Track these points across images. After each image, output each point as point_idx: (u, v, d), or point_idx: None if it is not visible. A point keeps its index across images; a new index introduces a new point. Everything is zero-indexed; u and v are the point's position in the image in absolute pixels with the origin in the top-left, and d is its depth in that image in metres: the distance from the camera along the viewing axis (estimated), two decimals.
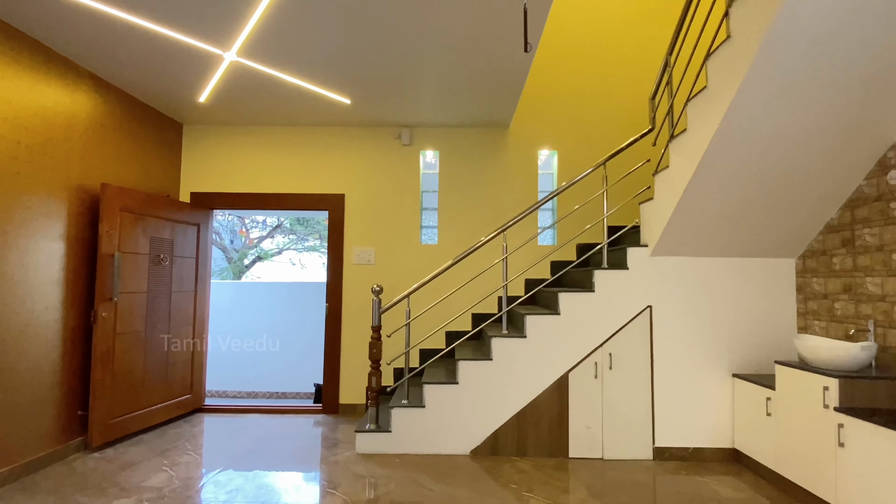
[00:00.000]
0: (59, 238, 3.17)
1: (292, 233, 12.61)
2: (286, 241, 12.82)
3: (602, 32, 4.69)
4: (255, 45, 3.03)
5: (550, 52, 4.69)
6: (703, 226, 3.14)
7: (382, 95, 3.87)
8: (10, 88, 2.85)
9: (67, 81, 3.26)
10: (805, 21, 2.12)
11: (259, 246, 12.56)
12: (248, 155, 4.65)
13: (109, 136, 3.66)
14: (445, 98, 3.92)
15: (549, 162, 4.86)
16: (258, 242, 12.54)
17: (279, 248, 12.81)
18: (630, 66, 4.66)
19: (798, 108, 2.48)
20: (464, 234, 4.60)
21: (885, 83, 2.38)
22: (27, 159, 2.96)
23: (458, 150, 4.67)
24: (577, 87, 4.69)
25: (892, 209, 2.65)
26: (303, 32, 2.89)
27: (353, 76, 3.50)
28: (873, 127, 2.60)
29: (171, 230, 4.05)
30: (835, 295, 3.02)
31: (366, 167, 4.66)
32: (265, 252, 12.66)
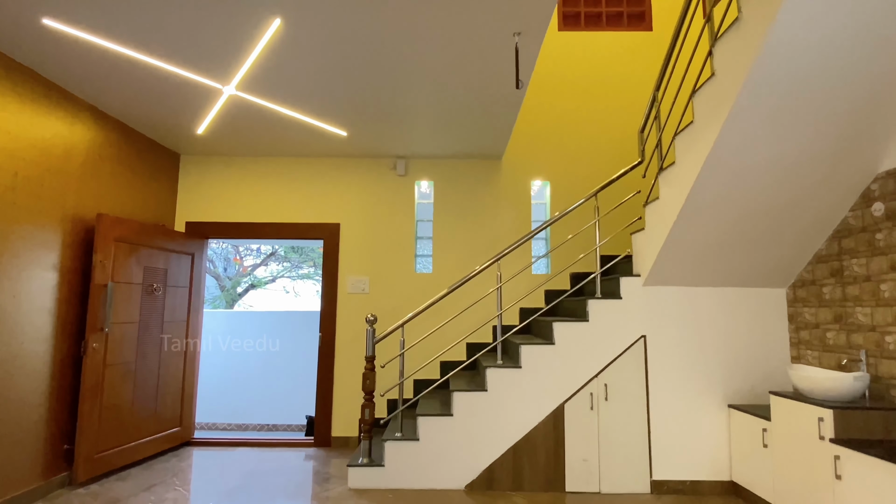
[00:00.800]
0: (52, 268, 3.16)
1: (286, 260, 12.58)
2: (280, 268, 12.77)
3: (592, 67, 4.84)
4: (254, 79, 3.10)
5: (542, 85, 4.82)
6: (694, 256, 3.18)
7: (378, 127, 3.94)
8: (11, 120, 2.89)
9: (67, 113, 3.31)
10: (785, 61, 2.21)
11: (253, 274, 12.50)
12: (244, 185, 4.69)
13: (106, 167, 3.69)
14: (440, 130, 4.00)
15: (542, 192, 4.93)
16: (252, 270, 12.49)
17: (273, 275, 12.76)
18: (620, 100, 4.79)
19: (782, 143, 2.55)
20: (458, 263, 4.62)
21: (864, 119, 2.47)
22: (24, 190, 2.97)
23: (453, 180, 4.74)
24: (568, 119, 4.80)
25: (878, 240, 2.71)
26: (301, 68, 2.96)
27: (350, 109, 3.57)
28: (855, 160, 2.67)
29: (165, 259, 4.05)
30: (826, 325, 3.05)
31: (361, 197, 4.71)
32: (259, 280, 12.60)
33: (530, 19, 2.51)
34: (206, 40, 2.67)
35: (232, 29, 2.57)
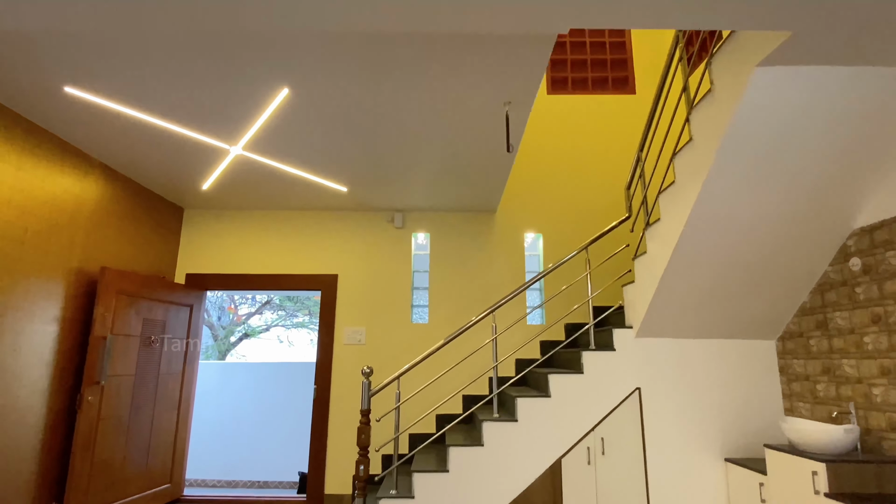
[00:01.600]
0: (53, 320, 3.20)
1: (281, 309, 12.54)
2: (275, 317, 12.70)
3: (580, 127, 5.10)
4: (260, 140, 3.28)
5: (534, 143, 5.06)
6: (684, 308, 3.27)
7: (377, 184, 4.11)
8: (26, 179, 3.02)
9: (79, 171, 3.46)
10: (755, 128, 2.39)
11: (247, 323, 12.42)
12: (244, 237, 4.81)
13: (113, 221, 3.81)
14: (436, 187, 4.18)
15: (535, 244, 5.06)
16: (246, 319, 12.42)
17: (267, 324, 12.67)
18: (607, 157, 5.02)
19: (759, 203, 2.70)
20: (454, 314, 4.68)
21: (835, 180, 2.63)
22: (33, 244, 3.07)
23: (449, 232, 4.88)
24: (559, 174, 5.01)
25: (858, 294, 2.81)
26: (305, 130, 3.15)
27: (351, 168, 3.75)
28: (831, 217, 2.82)
29: (165, 311, 4.09)
30: (816, 377, 3.10)
31: (359, 248, 4.82)
32: (252, 329, 12.50)
33: (519, 90, 2.71)
34: (217, 106, 2.85)
35: (242, 97, 2.76)
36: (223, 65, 2.49)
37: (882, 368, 2.64)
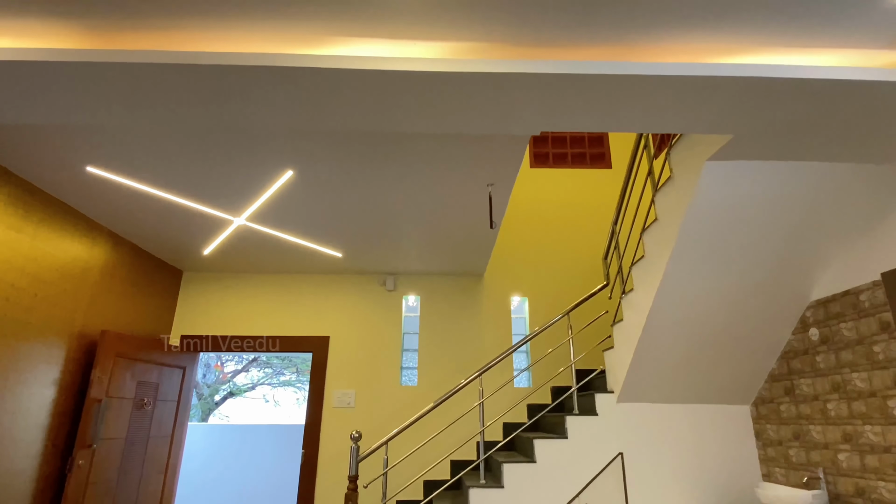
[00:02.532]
0: (52, 384, 3.29)
1: (268, 366, 12.39)
2: (261, 374, 12.52)
3: (561, 197, 5.44)
4: (262, 211, 3.53)
5: (518, 211, 5.37)
6: (661, 374, 3.43)
7: (371, 249, 4.35)
8: (41, 248, 3.22)
9: (88, 238, 3.66)
10: (711, 211, 2.67)
11: (232, 381, 12.22)
12: (240, 299, 4.96)
13: (115, 285, 3.97)
14: (426, 253, 4.42)
15: (522, 307, 5.26)
16: (232, 377, 12.24)
17: (253, 382, 12.47)
18: (588, 224, 5.33)
19: (721, 277, 2.95)
20: (443, 376, 4.79)
21: (790, 257, 2.90)
22: (40, 310, 3.21)
23: (438, 294, 5.07)
24: (543, 241, 5.29)
25: (818, 362, 3.01)
26: (305, 204, 3.40)
27: (346, 236, 3.99)
28: (789, 290, 3.07)
29: (159, 373, 4.17)
30: (788, 442, 3.23)
31: (351, 311, 4.98)
32: (238, 388, 12.29)
33: (501, 173, 3.01)
34: (226, 184, 3.12)
35: (250, 177, 3.03)
36: (235, 150, 2.77)
37: (845, 434, 2.80)
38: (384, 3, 1.68)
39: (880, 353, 2.59)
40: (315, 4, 1.68)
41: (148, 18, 1.76)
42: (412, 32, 1.82)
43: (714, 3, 1.66)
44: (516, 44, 1.87)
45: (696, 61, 1.90)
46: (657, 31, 1.80)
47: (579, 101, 2.02)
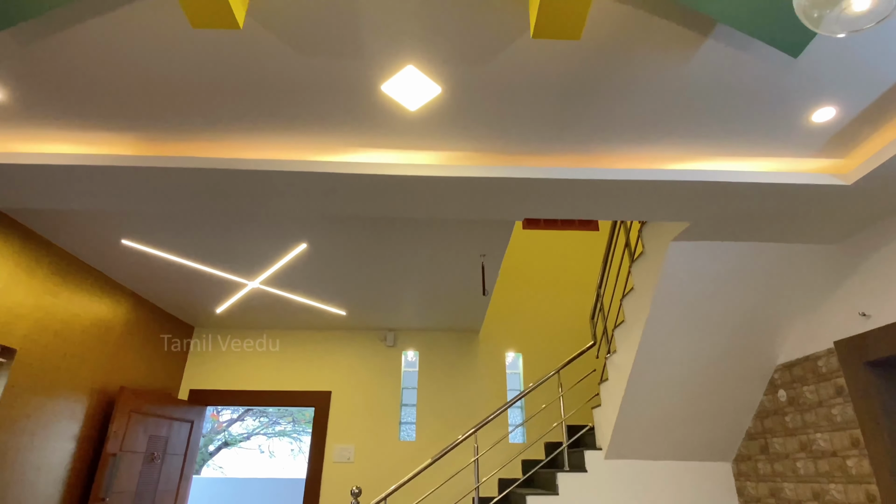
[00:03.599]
0: (72, 438, 3.50)
1: (264, 415, 12.34)
2: (256, 424, 12.45)
3: (553, 257, 5.79)
4: (275, 276, 3.85)
5: (512, 270, 5.69)
6: (645, 432, 3.64)
7: (372, 308, 4.64)
8: (73, 311, 3.51)
9: (112, 299, 3.97)
10: (679, 284, 2.99)
11: (227, 430, 12.15)
12: (247, 354, 5.21)
13: (133, 342, 4.24)
14: (425, 311, 4.71)
15: (516, 363, 5.49)
16: (227, 426, 12.18)
17: (248, 432, 12.38)
18: (578, 283, 5.64)
19: (694, 341, 3.23)
20: (440, 431, 4.96)
21: (756, 324, 3.19)
22: (67, 368, 3.47)
23: (436, 350, 5.31)
24: (536, 298, 5.58)
25: (787, 422, 3.24)
26: (314, 269, 3.73)
27: (350, 296, 4.30)
28: (759, 354, 3.34)
29: (168, 428, 4.37)
30: (766, 499, 3.41)
31: (352, 366, 5.21)
32: (233, 437, 12.20)
33: (492, 245, 3.35)
34: (242, 253, 3.45)
35: (267, 248, 3.37)
36: (255, 226, 3.12)
37: (814, 492, 3.00)
38: (392, 122, 2.07)
39: (838, 416, 2.84)
40: (334, 121, 2.07)
41: (188, 132, 2.14)
42: (415, 144, 2.20)
43: (661, 121, 2.04)
44: (501, 153, 2.25)
45: (651, 167, 2.27)
46: (617, 144, 2.18)
47: (555, 198, 2.38)
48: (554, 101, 1.92)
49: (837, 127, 2.05)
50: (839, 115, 1.98)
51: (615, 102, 1.92)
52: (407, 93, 1.90)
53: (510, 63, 1.75)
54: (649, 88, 1.85)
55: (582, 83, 1.83)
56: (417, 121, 2.06)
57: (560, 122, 2.04)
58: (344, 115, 2.02)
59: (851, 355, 2.72)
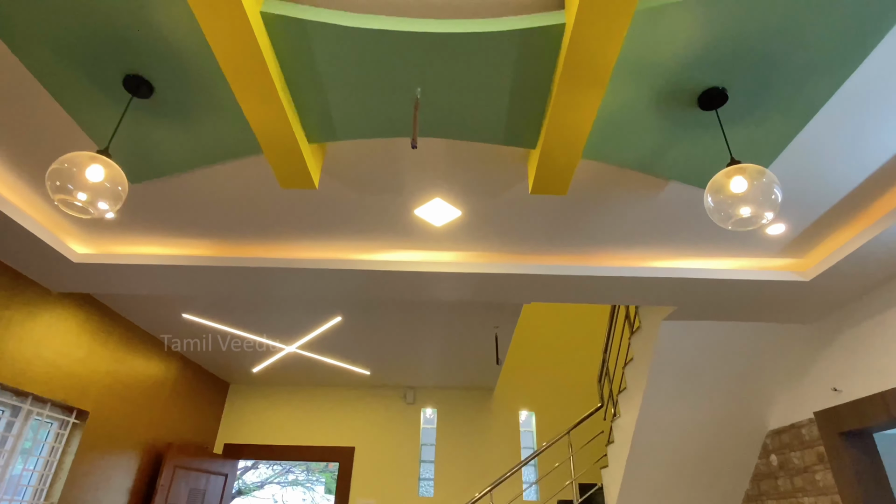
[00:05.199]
0: (125, 491, 3.89)
1: (277, 463, 12.44)
2: (270, 472, 12.55)
3: (565, 320, 6.15)
4: (309, 341, 4.29)
5: (526, 332, 6.06)
6: (650, 493, 3.90)
7: (394, 369, 5.03)
8: (133, 375, 3.98)
9: (164, 362, 4.43)
10: (672, 358, 3.35)
11: (242, 478, 12.27)
12: (277, 410, 5.58)
13: (179, 400, 4.67)
14: (443, 371, 5.08)
15: (529, 420, 5.76)
16: (242, 474, 12.31)
17: (262, 480, 12.48)
18: (590, 343, 5.98)
19: (691, 409, 3.56)
20: (457, 487, 5.21)
21: (747, 393, 3.51)
22: (125, 426, 3.90)
23: (454, 407, 5.63)
24: (549, 358, 5.92)
25: (780, 485, 3.49)
26: (344, 335, 4.17)
27: (374, 358, 4.71)
28: (751, 420, 3.63)
29: (206, 481, 4.72)
30: None
31: (375, 423, 5.55)
32: (247, 486, 12.30)
33: (505, 318, 3.77)
34: (283, 323, 3.92)
35: (306, 320, 3.83)
36: (296, 301, 3.59)
37: None
38: (421, 233, 2.55)
39: (821, 481, 3.11)
40: (375, 233, 2.55)
41: (254, 238, 2.65)
42: (438, 247, 2.68)
43: (642, 231, 2.49)
44: (509, 253, 2.71)
45: (637, 265, 2.70)
46: (606, 246, 2.62)
47: (554, 289, 2.82)
48: (551, 219, 2.39)
49: (789, 238, 2.48)
50: (789, 229, 2.42)
51: (602, 218, 2.39)
52: (434, 215, 2.39)
53: (515, 196, 2.24)
54: (629, 210, 2.32)
55: (573, 207, 2.30)
56: (441, 233, 2.54)
57: (556, 232, 2.50)
58: (384, 229, 2.52)
59: (828, 426, 3.03)
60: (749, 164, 1.36)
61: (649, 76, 1.48)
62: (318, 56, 1.45)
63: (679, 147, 1.74)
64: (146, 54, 1.43)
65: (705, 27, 1.33)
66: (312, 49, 1.42)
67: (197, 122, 1.68)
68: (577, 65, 1.37)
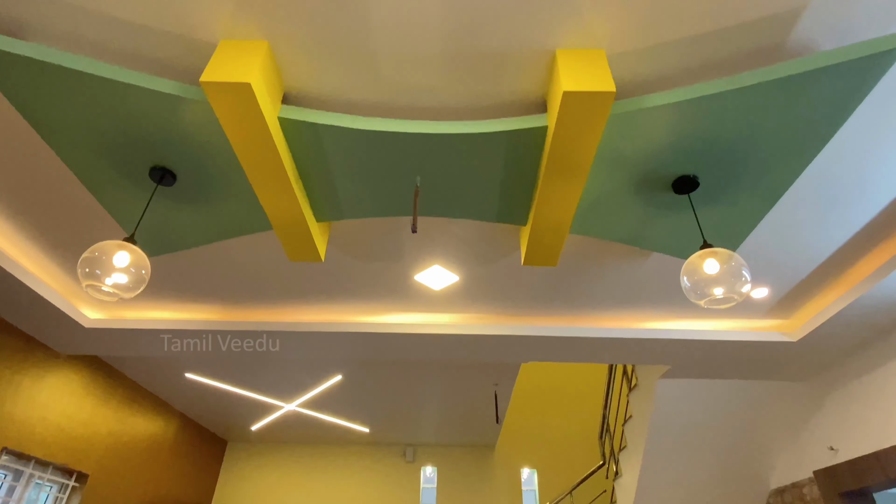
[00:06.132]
0: None
1: None
2: None
3: (565, 378, 6.15)
4: (311, 400, 4.31)
5: (526, 388, 6.05)
6: None
7: (394, 425, 5.00)
8: (134, 435, 3.98)
9: (165, 420, 4.43)
10: (670, 415, 3.38)
11: None
12: (275, 468, 5.50)
13: (177, 459, 4.63)
14: (443, 429, 5.05)
15: (531, 479, 5.66)
16: None
17: None
18: (590, 399, 5.95)
19: (693, 467, 3.54)
20: None
21: (747, 451, 3.51)
22: (126, 486, 3.86)
23: (454, 465, 5.54)
24: (548, 415, 5.88)
25: None
26: (344, 393, 4.19)
27: (374, 415, 4.70)
28: (753, 479, 3.61)
29: None
30: None
31: (374, 482, 5.44)
32: None
33: (504, 376, 3.81)
34: (282, 381, 3.96)
35: (305, 379, 3.88)
36: (298, 362, 3.65)
37: None
38: (420, 297, 2.66)
39: None
40: (376, 296, 2.66)
41: (260, 302, 2.75)
42: (437, 309, 2.78)
43: (633, 295, 2.59)
44: (505, 315, 2.81)
45: (628, 326, 2.80)
46: (598, 308, 2.73)
47: (550, 349, 2.90)
48: (544, 284, 2.51)
49: (773, 301, 2.59)
50: (772, 293, 2.53)
51: (593, 283, 2.50)
52: (433, 280, 2.51)
53: (509, 262, 2.37)
54: (619, 276, 2.43)
55: (565, 273, 2.42)
56: (440, 296, 2.65)
57: (550, 295, 2.61)
58: (385, 293, 2.63)
59: (828, 486, 3.03)
60: (720, 249, 1.49)
61: (626, 166, 1.64)
62: (328, 152, 1.61)
63: (658, 224, 1.88)
64: (171, 149, 1.59)
65: (675, 127, 1.49)
66: (323, 146, 1.59)
67: (214, 205, 1.83)
68: (559, 160, 1.53)
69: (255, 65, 1.35)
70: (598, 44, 1.40)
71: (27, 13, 1.37)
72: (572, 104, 1.35)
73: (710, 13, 1.34)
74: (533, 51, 1.43)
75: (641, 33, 1.38)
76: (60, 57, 1.35)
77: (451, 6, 1.32)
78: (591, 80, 1.33)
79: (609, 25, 1.36)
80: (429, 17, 1.35)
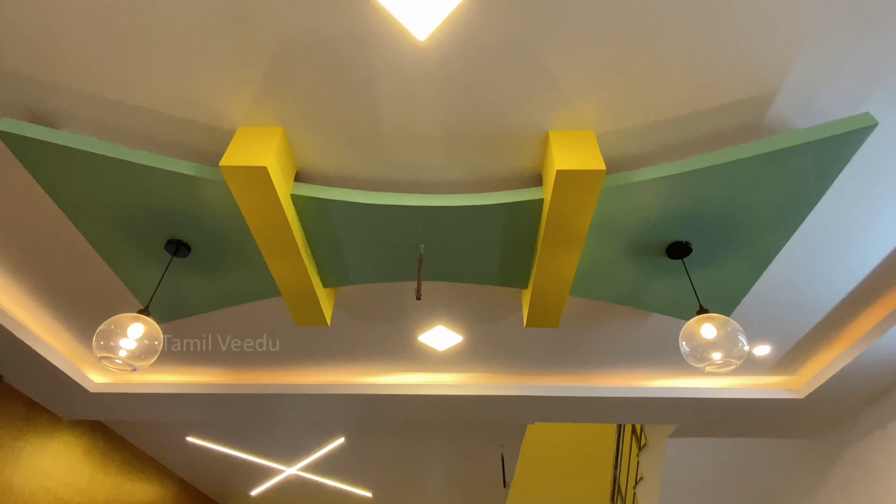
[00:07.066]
0: None
1: None
2: None
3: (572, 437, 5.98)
4: (312, 463, 4.21)
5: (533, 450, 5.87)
6: None
7: (398, 490, 4.85)
8: (127, 500, 3.86)
9: (163, 485, 4.31)
10: (681, 472, 3.29)
11: None
12: None
13: None
14: (449, 492, 4.89)
15: None
16: None
17: None
18: (598, 460, 5.77)
19: None
20: None
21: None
22: None
23: None
24: (558, 477, 5.68)
25: None
26: (347, 456, 4.10)
27: (377, 479, 4.57)
28: None
29: None
30: None
31: None
32: None
33: (511, 437, 3.75)
34: (285, 444, 3.89)
35: (307, 442, 3.81)
36: (301, 425, 3.61)
37: None
38: (424, 357, 2.67)
39: None
40: (380, 357, 2.67)
41: (265, 365, 2.77)
42: (441, 369, 2.79)
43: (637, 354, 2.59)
44: (510, 374, 2.81)
45: (635, 385, 2.79)
46: (604, 367, 2.73)
47: (555, 409, 2.88)
48: (548, 344, 2.53)
49: (776, 357, 2.60)
50: (774, 350, 2.54)
51: (597, 343, 2.52)
52: (437, 341, 2.53)
53: (513, 323, 2.40)
54: (621, 336, 2.45)
55: (569, 333, 2.45)
56: (444, 356, 2.67)
57: (554, 355, 2.63)
58: (389, 354, 2.65)
59: None
60: (716, 314, 1.53)
61: (622, 233, 1.71)
62: (336, 224, 1.69)
63: (656, 287, 1.93)
64: (187, 223, 1.67)
65: (665, 198, 1.58)
66: (332, 219, 1.67)
67: (225, 274, 1.89)
68: (556, 229, 1.60)
69: (270, 149, 1.45)
70: (588, 125, 1.51)
71: (62, 105, 1.49)
72: (565, 181, 1.44)
73: (689, 97, 1.45)
74: (527, 131, 1.54)
75: (628, 115, 1.49)
76: (89, 144, 1.45)
77: (450, 91, 1.44)
78: (582, 159, 1.43)
79: (596, 109, 1.47)
80: (431, 102, 1.47)
